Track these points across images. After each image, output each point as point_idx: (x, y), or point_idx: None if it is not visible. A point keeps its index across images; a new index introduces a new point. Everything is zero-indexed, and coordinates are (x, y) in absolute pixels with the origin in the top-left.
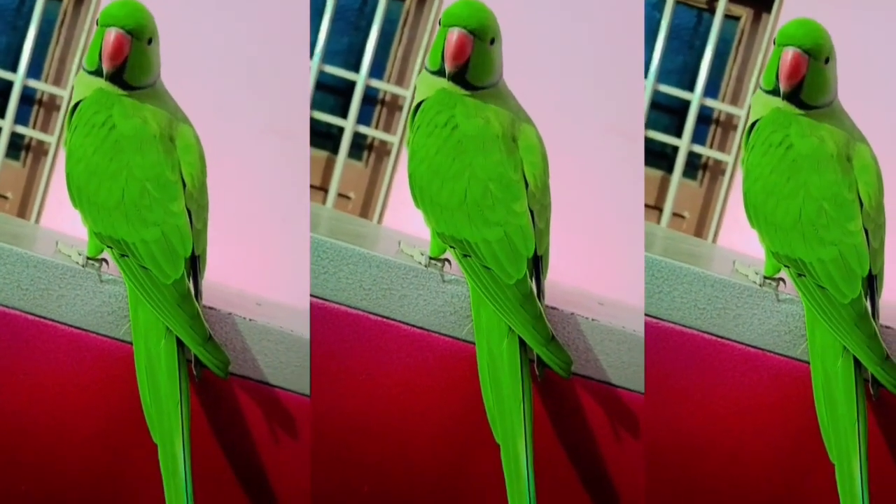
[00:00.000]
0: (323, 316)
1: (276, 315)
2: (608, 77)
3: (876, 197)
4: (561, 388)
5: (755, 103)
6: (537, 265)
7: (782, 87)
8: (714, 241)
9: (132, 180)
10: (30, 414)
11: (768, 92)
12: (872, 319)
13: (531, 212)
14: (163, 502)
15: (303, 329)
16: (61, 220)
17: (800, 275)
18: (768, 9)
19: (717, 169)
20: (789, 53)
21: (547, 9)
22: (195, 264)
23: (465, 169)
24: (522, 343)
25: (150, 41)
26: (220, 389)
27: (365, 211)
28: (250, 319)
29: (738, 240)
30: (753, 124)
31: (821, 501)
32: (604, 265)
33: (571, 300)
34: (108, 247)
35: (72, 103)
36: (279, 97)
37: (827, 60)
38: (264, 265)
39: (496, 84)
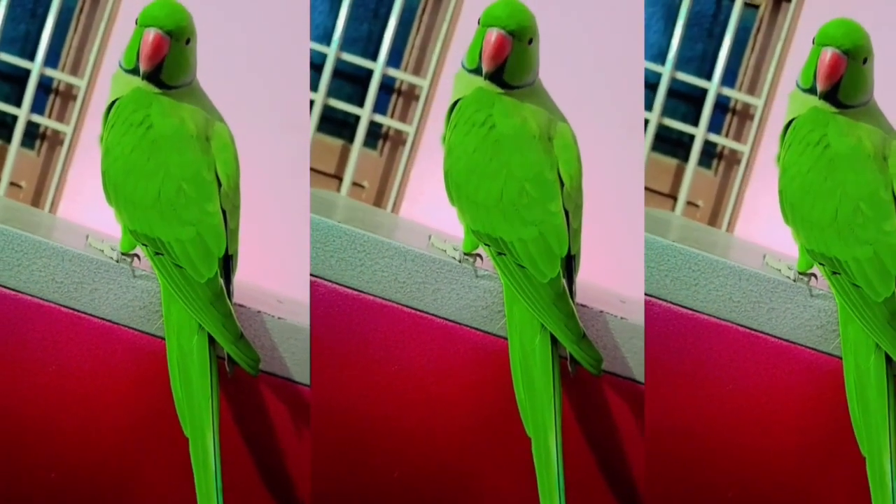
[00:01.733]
0: (353, 308)
1: (300, 312)
2: (608, 64)
3: None
4: (590, 385)
5: (792, 101)
6: (570, 264)
7: (819, 87)
8: (729, 230)
9: (169, 179)
10: (62, 405)
11: (805, 90)
12: None
13: (566, 211)
14: (190, 495)
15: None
16: (76, 211)
17: (834, 273)
18: None
19: (732, 158)
20: (828, 54)
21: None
22: (228, 264)
23: (502, 168)
24: (554, 340)
25: (188, 41)
26: (248, 385)
27: (379, 200)
28: (279, 318)
29: (753, 229)
30: (790, 123)
31: (850, 493)
32: (609, 256)
33: (597, 297)
34: (143, 244)
35: (108, 101)
36: (280, 88)
37: (865, 61)
38: (285, 260)
39: (533, 83)
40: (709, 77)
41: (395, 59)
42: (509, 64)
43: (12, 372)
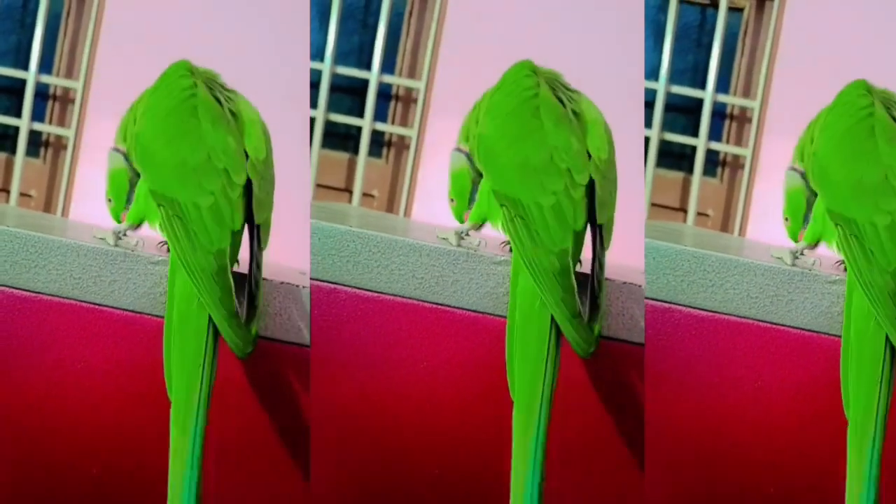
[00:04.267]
0: (374, 309)
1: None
2: (607, 79)
3: None
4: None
5: None
6: (595, 236)
7: None
8: (741, 234)
9: (199, 146)
10: (95, 400)
11: None
12: None
13: (593, 183)
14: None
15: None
16: (88, 213)
17: (852, 234)
18: None
19: (735, 163)
20: None
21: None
22: (256, 233)
23: (534, 133)
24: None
25: None
26: (277, 358)
27: (390, 207)
28: (303, 287)
29: (765, 230)
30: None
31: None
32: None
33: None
34: (160, 205)
35: None
36: (279, 98)
37: None
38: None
39: None
40: (703, 86)
41: (388, 65)
42: None
43: (42, 373)
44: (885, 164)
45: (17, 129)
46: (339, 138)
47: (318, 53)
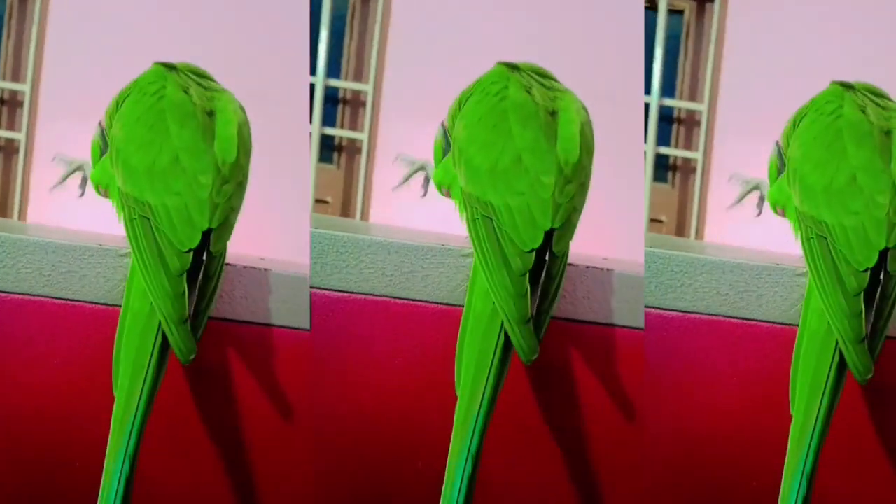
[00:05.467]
0: (350, 310)
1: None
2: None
3: None
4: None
5: None
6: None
7: None
8: (698, 238)
9: (167, 148)
10: (72, 394)
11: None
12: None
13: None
14: (198, 474)
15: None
16: (45, 214)
17: (820, 236)
18: None
19: (686, 167)
20: None
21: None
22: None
23: (504, 136)
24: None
25: None
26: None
27: (346, 211)
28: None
29: (721, 233)
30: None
31: (851, 464)
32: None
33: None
34: (128, 206)
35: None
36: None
37: None
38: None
39: None
40: (648, 91)
41: (333, 69)
42: None
43: (16, 371)
44: (852, 166)
45: None
46: None
47: None
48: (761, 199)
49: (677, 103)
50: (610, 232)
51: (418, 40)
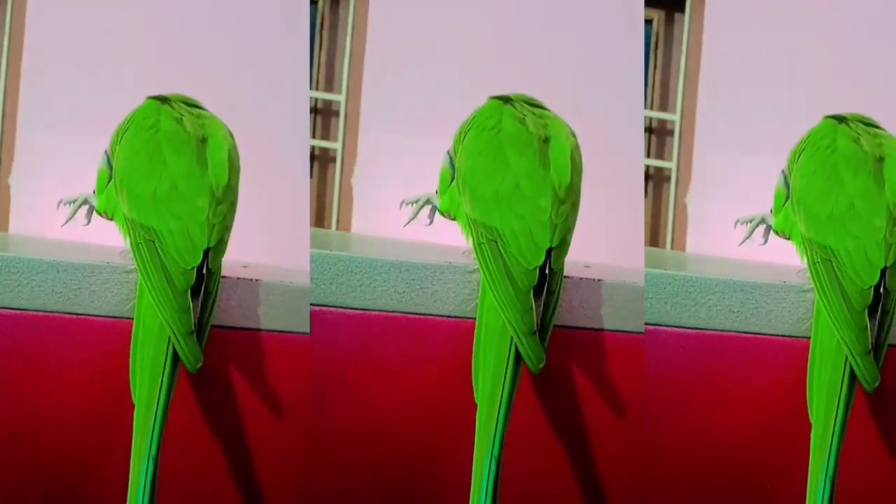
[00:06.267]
0: (361, 325)
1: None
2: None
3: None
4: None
5: None
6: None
7: None
8: (673, 248)
9: (166, 177)
10: (88, 407)
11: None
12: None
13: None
14: (215, 483)
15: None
16: (28, 224)
17: (826, 259)
18: (681, 8)
19: (660, 176)
20: None
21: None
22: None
23: (502, 165)
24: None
25: None
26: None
27: (320, 221)
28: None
29: (697, 242)
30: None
31: (870, 479)
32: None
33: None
34: (134, 230)
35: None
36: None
37: None
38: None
39: None
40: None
41: None
42: None
43: (34, 383)
44: (850, 194)
45: None
46: None
47: None
48: (767, 229)
49: (650, 113)
50: (607, 242)
51: (394, 49)
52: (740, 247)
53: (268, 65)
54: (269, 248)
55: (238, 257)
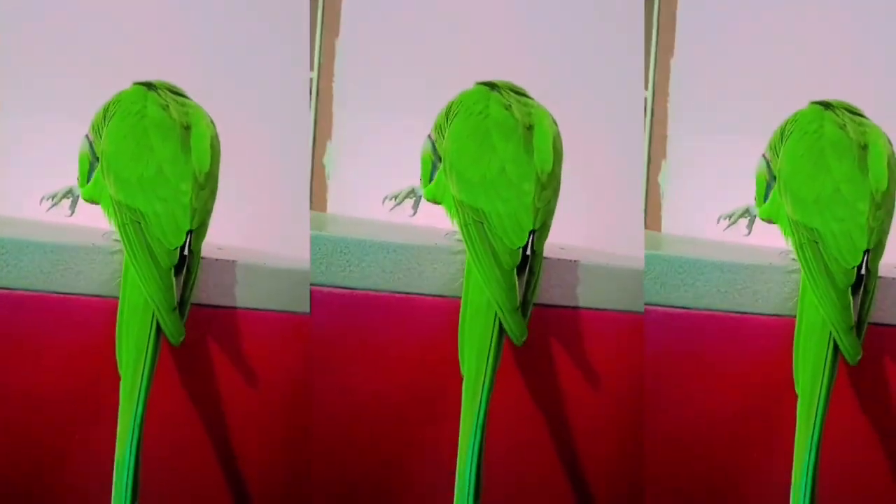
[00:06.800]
0: (353, 304)
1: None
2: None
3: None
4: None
5: None
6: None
7: None
8: (645, 227)
9: (152, 161)
10: (74, 375)
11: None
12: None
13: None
14: (200, 459)
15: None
16: (8, 207)
17: (812, 241)
18: None
19: None
20: None
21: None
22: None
23: (489, 150)
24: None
25: None
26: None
27: None
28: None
29: (681, 225)
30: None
31: (852, 447)
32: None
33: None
34: (121, 211)
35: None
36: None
37: None
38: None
39: None
40: None
41: None
42: None
43: (23, 359)
44: (836, 178)
45: None
46: None
47: None
48: (752, 220)
49: None
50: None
51: (368, 26)
52: (716, 226)
53: (266, 48)
54: (265, 229)
55: (219, 240)
